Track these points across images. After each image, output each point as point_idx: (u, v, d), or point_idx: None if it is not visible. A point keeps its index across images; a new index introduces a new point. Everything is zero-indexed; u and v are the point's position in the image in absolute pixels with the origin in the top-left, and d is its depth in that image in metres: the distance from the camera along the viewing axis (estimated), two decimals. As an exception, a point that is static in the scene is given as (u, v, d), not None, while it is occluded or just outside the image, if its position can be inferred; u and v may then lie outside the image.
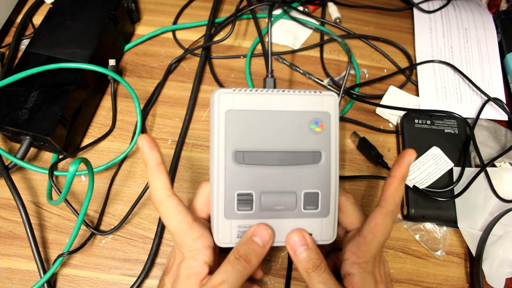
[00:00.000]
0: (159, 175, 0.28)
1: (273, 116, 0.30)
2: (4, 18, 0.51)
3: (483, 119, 0.49)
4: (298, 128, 0.30)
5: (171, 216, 0.28)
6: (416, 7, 0.59)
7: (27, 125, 0.39)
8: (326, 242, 0.31)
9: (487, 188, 0.42)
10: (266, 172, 0.30)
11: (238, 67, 0.52)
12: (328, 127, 0.30)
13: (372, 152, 0.44)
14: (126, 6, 0.51)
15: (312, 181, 0.30)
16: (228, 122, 0.29)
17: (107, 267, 0.39)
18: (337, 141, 0.31)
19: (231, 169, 0.29)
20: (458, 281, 0.40)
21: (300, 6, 0.57)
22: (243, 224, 0.29)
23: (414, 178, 0.42)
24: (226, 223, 0.29)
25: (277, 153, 0.30)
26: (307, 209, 0.30)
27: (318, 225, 0.30)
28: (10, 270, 0.38)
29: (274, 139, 0.30)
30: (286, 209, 0.30)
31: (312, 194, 0.30)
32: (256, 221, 0.29)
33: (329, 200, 0.30)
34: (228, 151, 0.29)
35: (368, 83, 0.52)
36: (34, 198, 0.42)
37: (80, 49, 0.44)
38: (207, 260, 0.28)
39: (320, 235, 0.30)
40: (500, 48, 0.55)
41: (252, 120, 0.29)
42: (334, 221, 0.31)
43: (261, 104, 0.30)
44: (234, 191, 0.29)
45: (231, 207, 0.29)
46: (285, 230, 0.30)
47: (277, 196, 0.30)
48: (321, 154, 0.30)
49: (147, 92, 0.49)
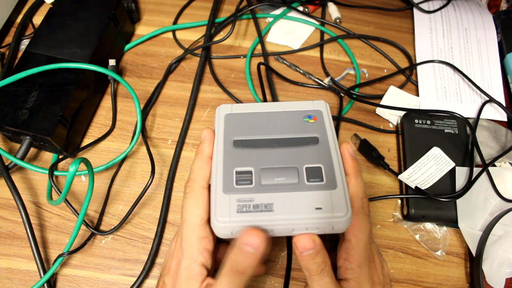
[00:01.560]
0: (206, 166, 0.30)
1: (269, 115, 0.32)
2: (4, 18, 0.51)
3: (483, 119, 0.49)
4: (293, 121, 0.32)
5: (194, 205, 0.29)
6: (416, 7, 0.59)
7: (27, 125, 0.39)
8: (340, 218, 0.27)
9: (487, 188, 0.42)
10: (265, 152, 0.30)
11: (238, 67, 0.52)
12: (321, 119, 0.32)
13: (374, 154, 0.44)
14: (126, 6, 0.51)
15: (313, 157, 0.29)
16: (227, 121, 0.32)
17: (107, 267, 0.39)
18: (333, 129, 0.31)
19: (230, 152, 0.30)
20: (458, 281, 0.40)
21: (300, 6, 0.57)
22: (243, 198, 0.27)
23: (416, 179, 0.42)
24: (224, 197, 0.28)
25: (275, 139, 0.31)
26: (311, 181, 0.28)
27: (327, 197, 0.27)
28: (10, 270, 0.38)
29: (270, 130, 0.31)
30: (289, 182, 0.28)
31: (315, 168, 0.29)
32: (256, 195, 0.28)
33: (334, 174, 0.28)
34: (227, 139, 0.31)
35: (368, 83, 0.52)
36: (34, 198, 0.42)
37: (80, 49, 0.44)
38: (204, 262, 0.28)
39: (332, 210, 0.27)
40: (500, 48, 0.55)
41: (249, 118, 0.32)
42: (345, 194, 0.28)
43: (257, 108, 0.33)
44: (232, 169, 0.29)
45: (229, 183, 0.28)
46: (290, 204, 0.27)
47: (277, 170, 0.29)
48: (318, 138, 0.31)
49: (147, 92, 0.49)
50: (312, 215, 0.27)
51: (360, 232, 0.28)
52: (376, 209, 0.43)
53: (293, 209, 0.27)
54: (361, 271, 0.28)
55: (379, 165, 0.44)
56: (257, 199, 0.27)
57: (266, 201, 0.27)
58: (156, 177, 0.44)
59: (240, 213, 0.27)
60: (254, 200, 0.27)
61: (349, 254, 0.28)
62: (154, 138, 0.46)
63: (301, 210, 0.27)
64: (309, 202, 0.27)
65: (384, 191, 0.44)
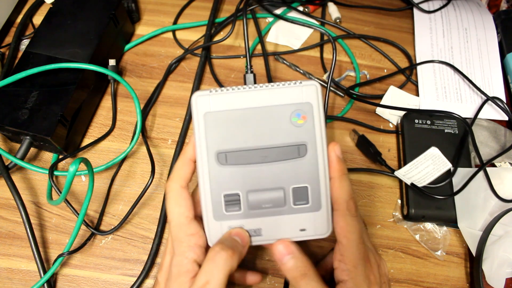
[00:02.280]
0: (185, 167, 0.30)
1: (253, 113, 0.29)
2: (4, 18, 0.51)
3: (483, 119, 0.49)
4: (280, 123, 0.29)
5: (175, 205, 0.29)
6: (416, 7, 0.59)
7: (27, 125, 0.39)
8: (321, 236, 0.30)
9: (487, 188, 0.42)
10: (251, 170, 0.29)
11: (238, 67, 0.52)
12: (311, 118, 0.29)
13: (371, 149, 0.44)
14: (126, 6, 0.51)
15: (300, 175, 0.29)
16: (208, 124, 0.29)
17: (107, 267, 0.39)
18: (323, 131, 0.29)
19: (215, 171, 0.29)
20: (458, 281, 0.40)
21: (300, 6, 0.57)
22: (233, 225, 0.29)
23: (412, 177, 0.42)
24: (216, 224, 0.29)
25: (260, 150, 0.29)
26: (297, 204, 0.29)
27: (311, 219, 0.29)
28: (10, 270, 0.38)
29: (256, 136, 0.29)
30: (276, 206, 0.29)
31: (301, 188, 0.29)
32: (245, 221, 0.29)
33: (320, 193, 0.29)
34: (210, 153, 0.29)
35: (368, 83, 0.52)
36: (34, 198, 0.42)
37: (80, 49, 0.44)
38: (196, 258, 0.28)
39: (314, 230, 0.29)
40: (500, 48, 0.55)
41: (232, 120, 0.29)
42: (328, 214, 0.29)
43: (239, 102, 0.29)
44: (220, 193, 0.29)
45: (219, 208, 0.29)
46: (277, 227, 0.29)
47: (264, 193, 0.29)
48: (306, 146, 0.29)
49: (147, 92, 0.49)
50: (296, 235, 0.30)
51: (350, 233, 0.29)
52: (376, 209, 0.44)
53: (280, 232, 0.29)
54: (357, 272, 0.28)
55: (376, 161, 0.44)
56: (246, 225, 0.29)
57: (255, 226, 0.29)
58: (156, 177, 0.44)
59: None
60: (244, 227, 0.29)
61: (343, 256, 0.29)
62: (154, 138, 0.46)
63: (287, 232, 0.29)
64: (294, 224, 0.29)
65: (384, 191, 0.44)
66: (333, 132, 0.48)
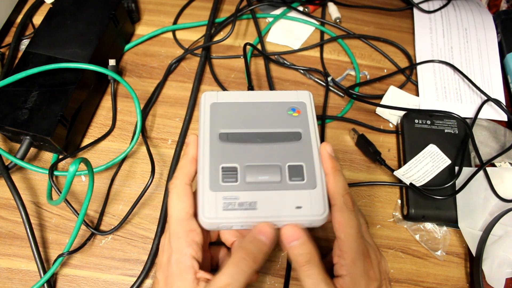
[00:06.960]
0: (190, 166, 0.31)
1: (254, 106, 0.33)
2: (4, 18, 0.51)
3: (483, 119, 0.49)
4: (277, 114, 0.33)
5: (178, 200, 0.30)
6: (416, 7, 0.59)
7: (27, 125, 0.39)
8: (317, 217, 0.29)
9: (487, 188, 0.42)
10: (249, 148, 0.31)
11: (238, 67, 0.52)
12: (304, 113, 0.33)
13: (370, 149, 0.44)
14: (126, 6, 0.51)
15: (296, 155, 0.31)
16: (213, 111, 0.33)
17: (107, 267, 0.39)
18: (315, 125, 0.33)
19: (216, 146, 0.31)
20: (458, 281, 0.40)
21: (300, 6, 0.57)
22: (228, 196, 0.29)
23: (412, 176, 0.42)
24: (211, 195, 0.29)
25: (259, 133, 0.32)
26: (293, 180, 0.30)
27: (307, 197, 0.29)
28: (10, 270, 0.38)
29: (255, 123, 0.32)
30: (272, 181, 0.30)
31: (297, 166, 0.30)
32: (241, 193, 0.29)
33: (315, 172, 0.30)
34: (213, 132, 0.32)
35: (368, 83, 0.52)
36: (34, 198, 0.42)
37: (80, 49, 0.44)
38: (194, 255, 0.29)
39: (310, 209, 0.29)
40: (500, 48, 0.55)
41: (235, 109, 0.33)
42: (323, 194, 0.30)
43: (242, 98, 0.34)
44: (218, 165, 0.30)
45: (216, 179, 0.30)
46: (273, 203, 0.29)
47: (261, 168, 0.30)
48: (300, 133, 0.32)
49: (147, 92, 0.49)
50: (292, 214, 0.29)
51: (348, 228, 0.29)
52: (376, 209, 0.44)
53: (275, 208, 0.29)
54: (356, 267, 0.28)
55: (375, 160, 0.44)
56: (242, 197, 0.29)
57: (250, 199, 0.29)
58: (156, 177, 0.44)
59: (226, 211, 0.29)
60: (239, 198, 0.29)
61: (342, 251, 0.29)
62: (154, 138, 0.46)
63: (282, 209, 0.29)
64: (290, 201, 0.29)
65: (384, 191, 0.44)
66: (333, 132, 0.48)
